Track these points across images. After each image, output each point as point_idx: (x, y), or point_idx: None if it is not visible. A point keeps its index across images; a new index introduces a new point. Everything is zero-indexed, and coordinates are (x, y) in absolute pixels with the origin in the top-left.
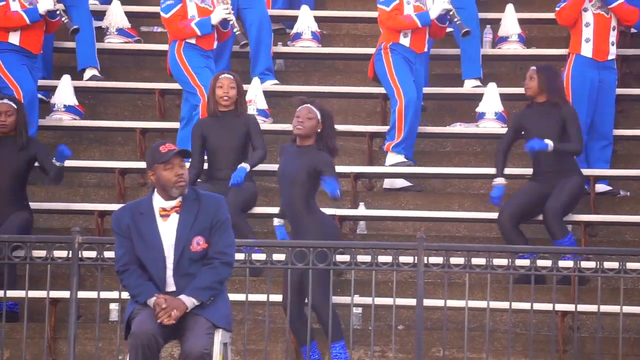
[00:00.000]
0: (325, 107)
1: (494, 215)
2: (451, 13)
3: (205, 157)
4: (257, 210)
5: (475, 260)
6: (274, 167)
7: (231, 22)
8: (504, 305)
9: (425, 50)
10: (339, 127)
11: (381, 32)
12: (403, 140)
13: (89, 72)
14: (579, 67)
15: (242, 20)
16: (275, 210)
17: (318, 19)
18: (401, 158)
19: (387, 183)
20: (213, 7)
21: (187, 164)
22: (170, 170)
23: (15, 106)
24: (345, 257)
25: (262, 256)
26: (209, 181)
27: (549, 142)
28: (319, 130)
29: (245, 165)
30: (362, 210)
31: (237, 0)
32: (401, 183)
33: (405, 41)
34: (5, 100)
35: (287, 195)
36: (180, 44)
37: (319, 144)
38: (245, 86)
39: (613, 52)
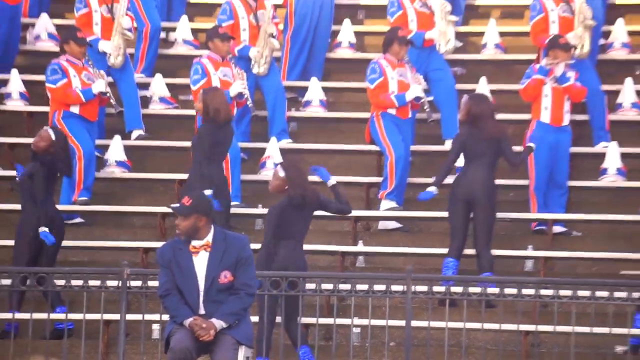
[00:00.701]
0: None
1: (470, 252)
2: (422, 101)
3: None
4: None
5: (454, 289)
6: None
7: (245, 95)
8: (477, 325)
9: (410, 116)
10: (342, 179)
11: None
12: (394, 189)
13: (136, 133)
14: (539, 131)
15: (261, 90)
16: None
17: (325, 89)
18: (393, 204)
19: (381, 225)
20: (233, 79)
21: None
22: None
23: (53, 137)
24: (347, 286)
25: None
26: None
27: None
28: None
29: None
30: (360, 247)
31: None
32: (393, 225)
33: (392, 111)
34: (48, 128)
35: None
36: None
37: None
38: (263, 144)
39: (567, 118)
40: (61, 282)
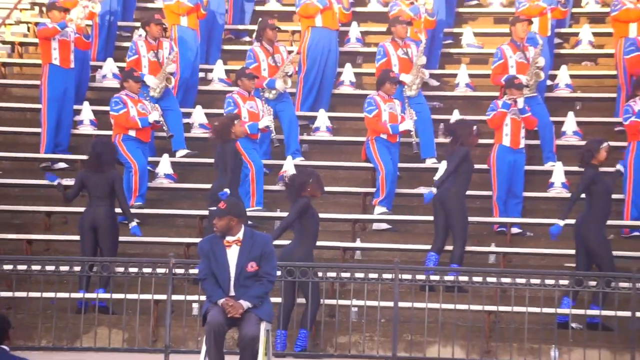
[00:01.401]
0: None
1: (449, 247)
2: (411, 132)
3: None
4: None
5: (433, 277)
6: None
7: (271, 129)
8: (451, 306)
9: (398, 140)
10: (343, 189)
11: None
12: (385, 198)
13: (181, 152)
14: (501, 152)
15: (279, 119)
16: None
17: (330, 118)
18: (384, 209)
19: (375, 226)
20: (258, 111)
21: None
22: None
23: None
24: (347, 274)
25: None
26: None
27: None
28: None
29: None
30: (358, 244)
31: (275, 105)
32: (384, 226)
33: (384, 136)
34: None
35: None
36: None
37: None
38: (281, 161)
39: (523, 142)
40: (120, 269)
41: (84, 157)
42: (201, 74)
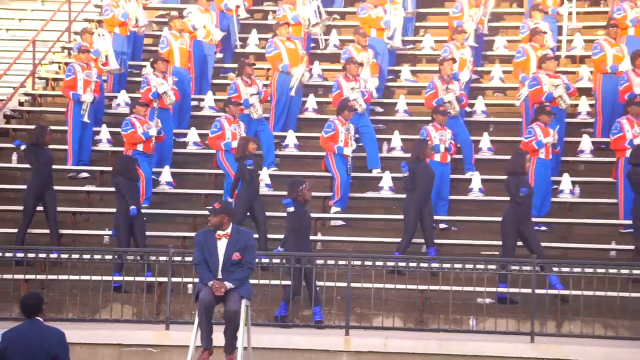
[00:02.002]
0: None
1: (389, 239)
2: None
3: None
4: None
5: (379, 263)
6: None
7: None
8: (392, 286)
9: (350, 155)
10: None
11: None
12: (339, 200)
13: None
14: (433, 165)
15: (259, 137)
16: None
17: (297, 137)
18: (338, 209)
19: (332, 222)
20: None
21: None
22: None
23: None
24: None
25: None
26: None
27: None
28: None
29: None
30: (319, 237)
31: (257, 127)
32: (339, 222)
33: (339, 151)
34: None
35: None
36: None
37: None
38: (259, 171)
39: (449, 158)
40: (130, 257)
41: (102, 168)
42: (194, 102)
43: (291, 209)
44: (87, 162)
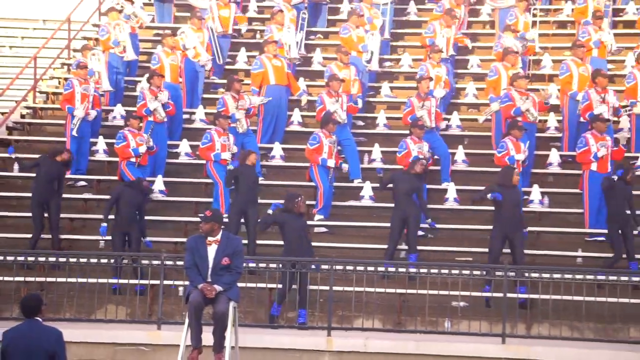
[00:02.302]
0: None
1: (370, 245)
2: (343, 165)
3: None
4: None
5: (360, 267)
6: None
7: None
8: (372, 289)
9: (332, 166)
10: None
11: None
12: (322, 208)
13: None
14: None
15: (244, 146)
16: None
17: (283, 149)
18: (322, 217)
19: (316, 229)
20: (231, 146)
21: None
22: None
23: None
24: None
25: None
26: None
27: None
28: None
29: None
30: None
31: (243, 139)
32: (323, 229)
33: (324, 162)
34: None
35: None
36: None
37: None
38: None
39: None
40: (125, 261)
41: (99, 177)
42: (186, 116)
43: (270, 211)
44: (84, 171)
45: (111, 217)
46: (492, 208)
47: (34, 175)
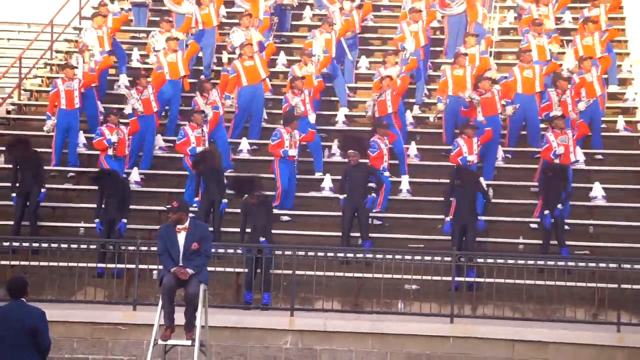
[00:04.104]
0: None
1: (328, 233)
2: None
3: None
4: None
5: (320, 253)
6: None
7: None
8: (332, 273)
9: (295, 159)
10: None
11: None
12: (287, 199)
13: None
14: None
15: (216, 143)
16: None
17: (250, 144)
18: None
19: (282, 218)
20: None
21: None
22: None
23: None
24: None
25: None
26: None
27: None
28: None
29: None
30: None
31: (213, 134)
32: (286, 218)
33: (285, 153)
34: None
35: None
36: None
37: None
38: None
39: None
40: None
41: (82, 169)
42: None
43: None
44: (75, 163)
45: (94, 205)
46: (442, 199)
47: (17, 167)
